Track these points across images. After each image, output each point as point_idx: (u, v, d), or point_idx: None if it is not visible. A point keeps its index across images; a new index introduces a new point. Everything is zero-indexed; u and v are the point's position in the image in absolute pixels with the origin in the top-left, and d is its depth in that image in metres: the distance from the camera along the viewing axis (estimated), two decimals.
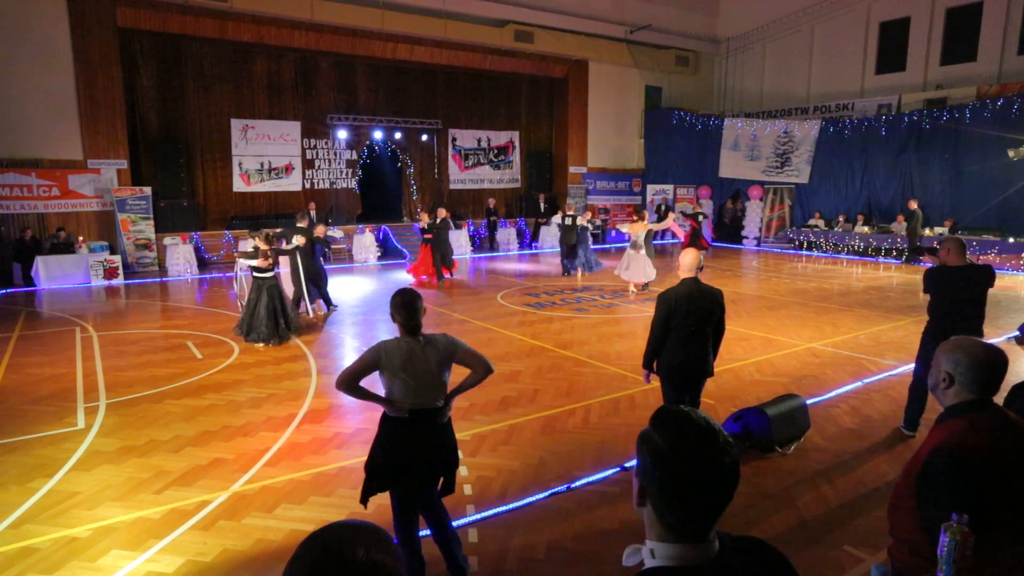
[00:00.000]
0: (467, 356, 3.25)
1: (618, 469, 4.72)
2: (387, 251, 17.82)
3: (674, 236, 18.60)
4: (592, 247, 14.99)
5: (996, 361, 2.02)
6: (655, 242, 14.04)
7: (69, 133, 14.06)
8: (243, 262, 8.63)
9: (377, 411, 3.37)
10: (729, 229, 21.08)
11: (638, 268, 11.71)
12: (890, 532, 2.21)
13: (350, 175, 18.75)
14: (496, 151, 21.33)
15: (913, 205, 15.63)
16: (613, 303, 11.07)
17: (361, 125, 18.49)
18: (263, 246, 8.36)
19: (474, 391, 6.39)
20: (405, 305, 3.17)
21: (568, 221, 13.85)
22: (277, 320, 8.35)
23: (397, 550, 1.05)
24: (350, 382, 3.14)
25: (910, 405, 5.32)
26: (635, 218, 12.27)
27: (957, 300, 4.88)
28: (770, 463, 4.83)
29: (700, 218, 19.07)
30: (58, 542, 3.80)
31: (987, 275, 4.87)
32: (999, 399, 2.44)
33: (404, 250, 17.19)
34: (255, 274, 8.40)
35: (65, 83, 13.85)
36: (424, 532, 3.86)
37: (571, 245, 13.91)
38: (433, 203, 19.84)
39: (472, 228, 19.69)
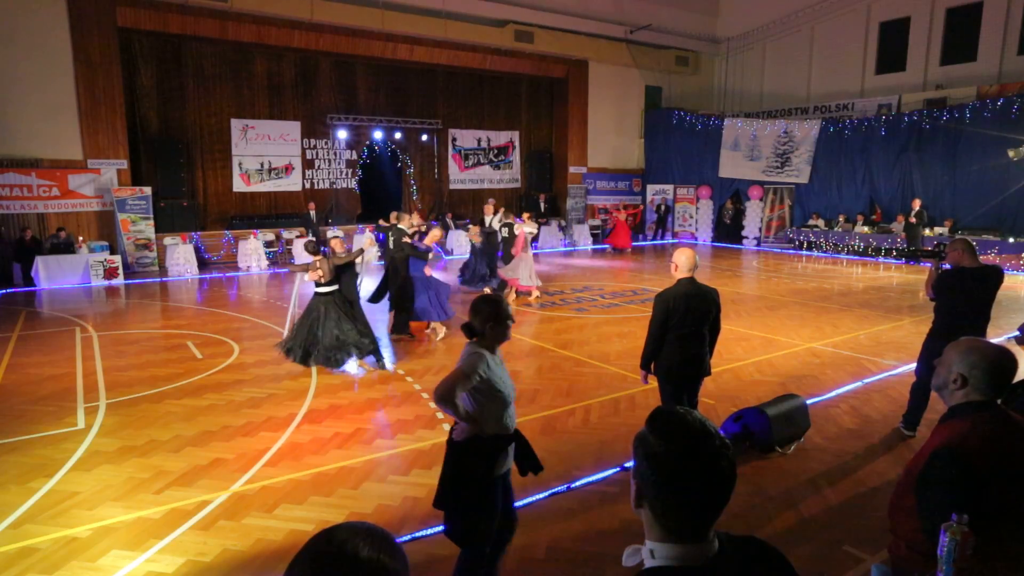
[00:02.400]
0: None
1: (618, 469, 4.72)
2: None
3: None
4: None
5: (1010, 364, 2.04)
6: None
7: (69, 133, 14.06)
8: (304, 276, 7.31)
9: (376, 411, 3.36)
10: (729, 229, 21.09)
11: (531, 271, 11.02)
12: (891, 530, 2.22)
13: (350, 175, 18.76)
14: (496, 151, 21.33)
15: (916, 205, 15.62)
16: (613, 303, 11.08)
17: (361, 125, 18.50)
18: (316, 257, 7.13)
19: None
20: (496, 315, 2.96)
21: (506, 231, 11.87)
22: (338, 340, 7.02)
23: (403, 555, 1.06)
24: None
25: (911, 405, 5.31)
26: (526, 216, 11.36)
27: (968, 301, 4.87)
28: (770, 463, 4.83)
29: (624, 217, 19.44)
30: (58, 542, 3.80)
31: (998, 275, 4.87)
32: None
33: None
34: (315, 289, 7.21)
35: (65, 83, 13.86)
36: (428, 531, 3.87)
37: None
38: (432, 203, 19.84)
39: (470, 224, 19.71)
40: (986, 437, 1.95)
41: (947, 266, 5.02)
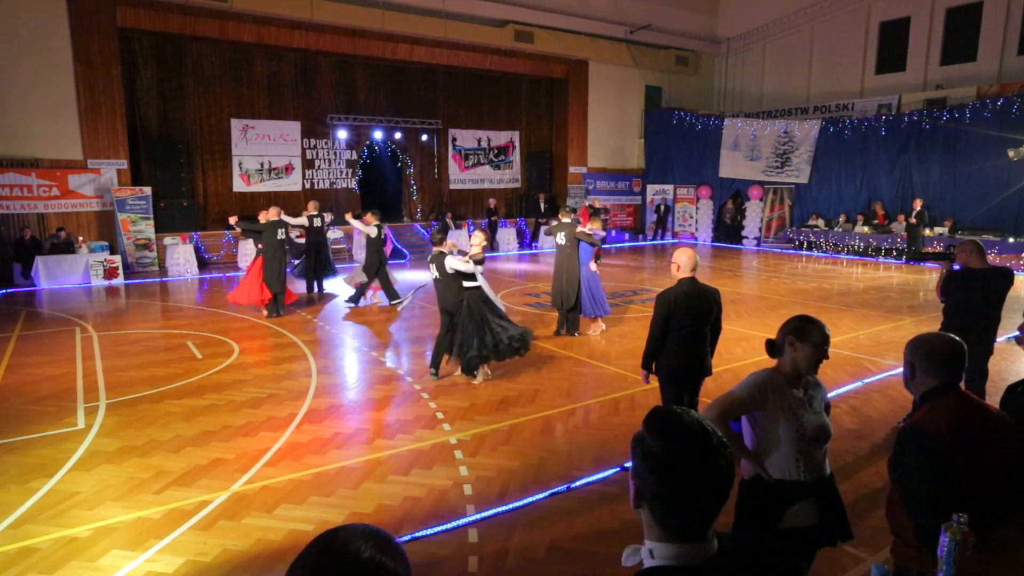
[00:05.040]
0: None
1: (618, 469, 4.72)
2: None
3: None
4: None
5: (951, 345, 2.18)
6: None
7: (69, 133, 14.06)
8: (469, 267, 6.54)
9: (376, 411, 3.36)
10: (729, 229, 21.09)
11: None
12: (893, 532, 2.25)
13: (350, 175, 18.75)
14: (496, 151, 21.33)
15: (918, 205, 15.62)
16: (613, 303, 11.06)
17: (361, 125, 18.50)
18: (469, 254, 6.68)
19: (475, 391, 6.41)
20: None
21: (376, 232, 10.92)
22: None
23: (405, 557, 1.06)
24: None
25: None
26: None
27: (976, 302, 4.88)
28: None
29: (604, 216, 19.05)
30: (58, 542, 3.80)
31: (1006, 276, 4.89)
32: (995, 401, 2.49)
33: (404, 250, 17.18)
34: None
35: (65, 83, 13.85)
36: (428, 531, 3.87)
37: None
38: (432, 203, 19.76)
39: (472, 228, 19.72)
40: (947, 416, 2.06)
41: (957, 267, 5.04)
